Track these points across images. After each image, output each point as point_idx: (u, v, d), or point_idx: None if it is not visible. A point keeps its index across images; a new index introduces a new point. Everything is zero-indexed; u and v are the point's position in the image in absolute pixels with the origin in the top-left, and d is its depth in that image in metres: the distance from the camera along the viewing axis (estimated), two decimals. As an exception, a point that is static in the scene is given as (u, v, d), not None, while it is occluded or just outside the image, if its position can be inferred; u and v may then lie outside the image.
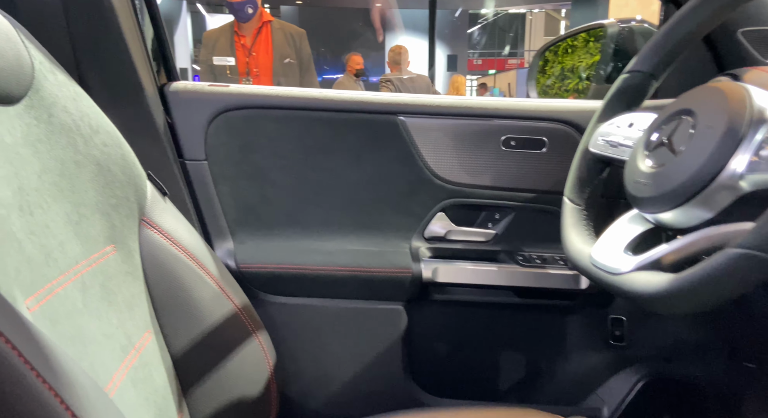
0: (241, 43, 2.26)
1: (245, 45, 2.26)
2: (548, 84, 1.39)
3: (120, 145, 0.60)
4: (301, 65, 2.35)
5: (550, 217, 0.91)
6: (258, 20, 2.24)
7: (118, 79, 0.78)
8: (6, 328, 0.31)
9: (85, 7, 0.73)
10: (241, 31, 2.26)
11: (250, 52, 2.25)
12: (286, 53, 2.29)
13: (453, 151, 0.91)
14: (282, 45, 2.29)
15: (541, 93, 1.37)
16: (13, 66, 0.47)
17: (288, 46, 2.30)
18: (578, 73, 1.36)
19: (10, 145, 0.44)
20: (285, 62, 2.29)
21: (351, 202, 0.93)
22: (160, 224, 0.63)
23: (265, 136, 0.90)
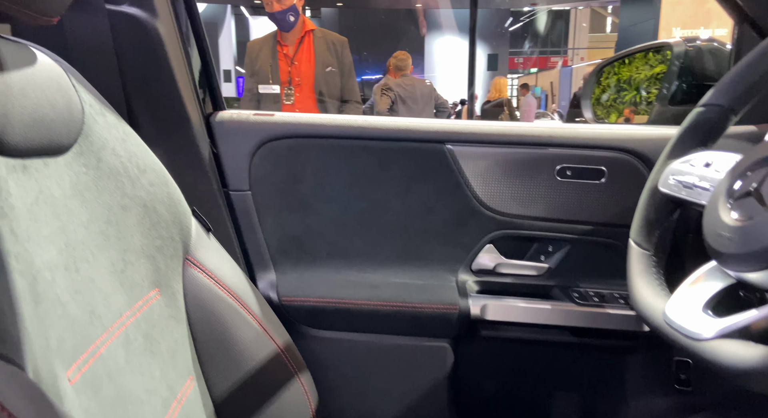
0: (284, 53, 2.27)
1: (288, 54, 2.26)
2: (603, 96, 1.32)
3: (166, 183, 0.59)
4: (343, 73, 2.33)
5: (609, 250, 0.85)
6: (300, 30, 2.25)
7: (165, 112, 0.78)
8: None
9: (134, 42, 0.73)
10: (283, 40, 2.27)
11: (292, 62, 2.26)
12: (328, 62, 2.28)
13: (503, 181, 0.87)
14: (324, 54, 2.28)
15: (595, 106, 1.30)
16: (64, 115, 0.47)
17: (330, 55, 2.29)
18: (636, 85, 1.28)
19: (58, 199, 0.44)
20: (327, 71, 2.29)
21: (396, 233, 0.90)
22: (203, 263, 0.62)
23: (309, 165, 0.88)
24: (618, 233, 0.84)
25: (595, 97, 1.16)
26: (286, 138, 0.87)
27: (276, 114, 0.91)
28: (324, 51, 2.28)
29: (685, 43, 0.92)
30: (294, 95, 2.27)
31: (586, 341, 0.89)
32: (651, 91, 1.21)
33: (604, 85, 1.34)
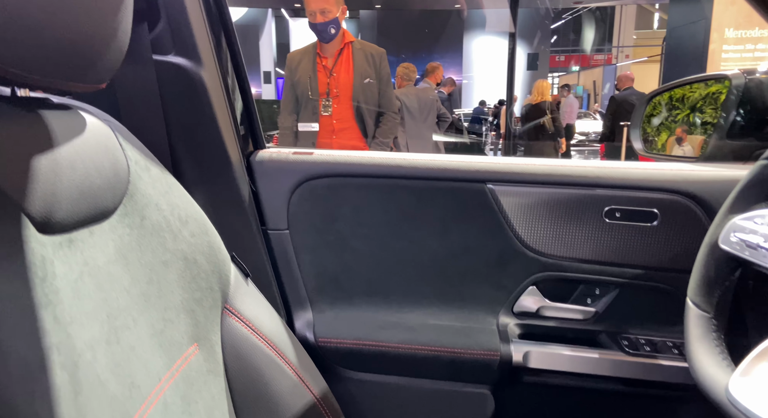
0: (323, 65, 2.28)
1: (327, 66, 2.28)
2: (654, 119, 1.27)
3: (207, 232, 0.60)
4: (380, 84, 2.33)
5: (661, 296, 0.81)
6: (340, 42, 2.26)
7: (207, 154, 0.79)
8: None
9: (179, 90, 0.75)
10: (323, 52, 2.28)
11: (331, 73, 2.27)
12: (366, 73, 2.28)
13: (547, 222, 0.84)
14: (362, 65, 2.28)
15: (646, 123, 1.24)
16: (111, 179, 0.47)
17: (368, 66, 2.29)
18: (690, 104, 1.22)
19: (102, 267, 0.44)
20: (365, 82, 2.29)
21: (435, 273, 0.88)
22: (241, 311, 0.62)
23: (347, 204, 0.87)
24: (671, 278, 0.80)
25: (645, 127, 1.11)
26: (325, 177, 0.87)
27: (315, 152, 0.91)
28: (362, 62, 2.29)
29: (744, 75, 0.87)
30: (332, 107, 2.28)
31: (636, 390, 0.84)
32: (706, 111, 1.16)
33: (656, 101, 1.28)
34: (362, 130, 2.34)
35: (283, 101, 2.35)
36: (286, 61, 2.36)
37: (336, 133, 2.30)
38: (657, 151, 1.38)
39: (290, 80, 2.31)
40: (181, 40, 0.73)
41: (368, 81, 2.29)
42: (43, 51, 0.35)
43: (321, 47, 2.27)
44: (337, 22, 2.20)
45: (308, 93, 2.25)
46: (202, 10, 0.76)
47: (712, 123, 1.11)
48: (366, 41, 2.38)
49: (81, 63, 0.39)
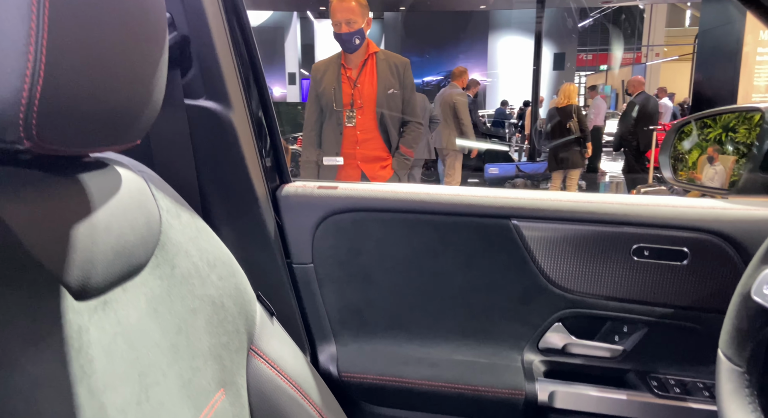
0: (347, 76, 2.29)
1: (351, 77, 2.29)
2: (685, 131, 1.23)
3: (233, 274, 0.61)
4: (404, 94, 2.33)
5: (692, 335, 0.79)
6: (364, 53, 2.26)
7: (234, 192, 0.81)
8: None
9: (209, 132, 0.76)
10: (347, 63, 2.29)
11: (355, 84, 2.28)
12: (390, 84, 2.29)
13: (573, 259, 0.83)
14: (386, 76, 2.29)
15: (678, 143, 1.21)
16: (144, 234, 0.48)
17: (392, 77, 2.30)
18: (722, 123, 1.19)
19: (134, 325, 0.45)
20: (389, 93, 2.29)
21: (459, 308, 0.88)
22: (266, 352, 0.63)
23: (371, 238, 0.88)
24: (703, 318, 0.78)
25: (674, 155, 1.09)
26: (349, 212, 0.88)
27: (339, 186, 0.91)
28: (386, 73, 2.29)
29: (779, 108, 0.84)
30: (356, 117, 2.29)
31: None
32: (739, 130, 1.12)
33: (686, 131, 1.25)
34: (386, 140, 2.34)
35: (306, 113, 2.37)
36: (311, 72, 2.38)
37: (359, 144, 2.31)
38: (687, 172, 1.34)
39: (315, 91, 2.33)
40: (212, 84, 0.75)
41: (392, 92, 2.29)
42: (84, 123, 0.36)
43: (345, 58, 2.28)
44: (362, 33, 2.21)
45: (332, 104, 2.27)
46: (232, 55, 0.78)
47: (745, 143, 1.08)
48: (390, 52, 2.38)
49: (121, 127, 0.40)
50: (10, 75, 0.30)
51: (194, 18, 0.73)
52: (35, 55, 0.31)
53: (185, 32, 0.73)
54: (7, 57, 0.30)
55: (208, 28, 0.73)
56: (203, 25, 0.73)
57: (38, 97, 0.31)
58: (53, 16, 0.31)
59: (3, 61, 0.30)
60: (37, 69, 0.31)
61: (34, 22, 0.30)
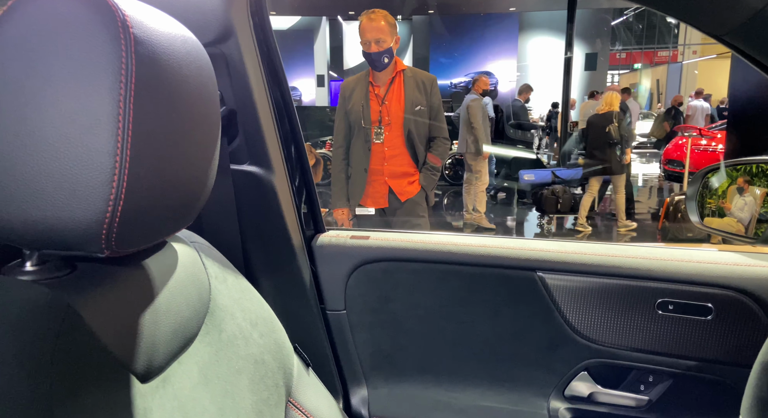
0: (375, 93, 2.33)
1: (379, 95, 2.33)
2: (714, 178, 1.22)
3: (273, 329, 0.64)
4: (431, 111, 2.36)
5: (717, 388, 0.80)
6: (392, 70, 2.30)
7: (273, 244, 0.86)
8: None
9: (252, 193, 0.82)
10: (375, 81, 2.33)
11: (383, 102, 2.32)
12: (418, 101, 2.32)
13: (598, 310, 0.84)
14: (413, 93, 2.32)
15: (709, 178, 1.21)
16: (197, 307, 0.51)
17: (419, 94, 2.33)
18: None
19: (188, 396, 0.48)
20: (416, 109, 2.32)
21: (486, 355, 0.91)
22: (303, 403, 0.66)
23: (402, 287, 0.92)
24: (728, 371, 0.79)
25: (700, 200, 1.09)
26: (380, 261, 0.92)
27: (371, 236, 0.96)
28: (413, 90, 2.32)
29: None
30: (384, 134, 2.33)
31: None
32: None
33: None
34: (413, 156, 2.37)
35: (335, 130, 2.42)
36: (341, 89, 2.43)
37: (387, 160, 2.35)
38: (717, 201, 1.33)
39: (343, 108, 2.38)
40: (255, 151, 0.81)
41: (419, 108, 2.32)
42: (156, 223, 0.41)
43: (373, 76, 2.33)
44: (391, 52, 2.25)
45: (361, 121, 2.31)
46: (274, 123, 0.83)
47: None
48: (417, 69, 2.41)
49: (185, 214, 0.45)
50: (96, 200, 0.35)
51: (241, 93, 0.78)
52: (118, 183, 0.36)
53: (233, 106, 0.79)
54: (96, 187, 0.35)
55: (253, 102, 0.79)
56: (249, 98, 0.79)
57: (119, 216, 0.36)
58: (135, 148, 0.36)
59: (92, 190, 0.35)
60: (119, 194, 0.36)
61: (118, 157, 0.35)
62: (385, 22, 2.20)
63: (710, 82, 14.06)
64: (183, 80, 0.40)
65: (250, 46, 0.79)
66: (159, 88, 0.38)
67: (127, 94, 0.35)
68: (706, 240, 3.38)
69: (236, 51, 0.76)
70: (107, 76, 0.35)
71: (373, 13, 2.20)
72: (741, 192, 1.36)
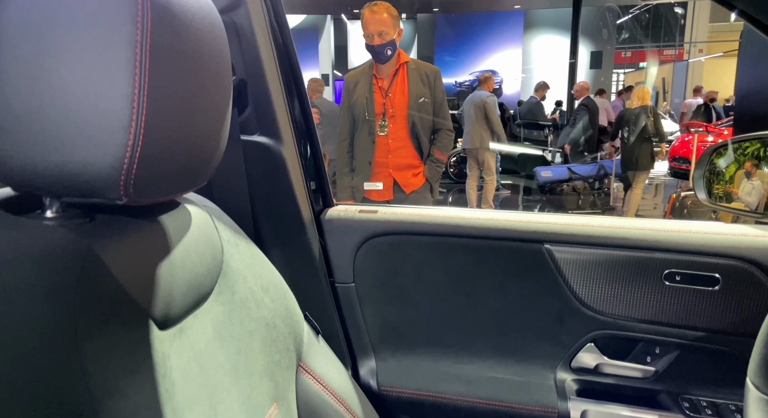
0: (379, 86, 2.34)
1: (382, 87, 2.33)
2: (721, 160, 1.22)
3: (284, 296, 0.66)
4: (435, 103, 2.36)
5: (724, 358, 0.80)
6: (395, 63, 2.30)
7: (282, 217, 0.87)
8: None
9: (262, 164, 0.83)
10: (378, 73, 2.34)
11: (386, 94, 2.32)
12: (421, 93, 2.32)
13: (605, 282, 0.85)
14: (417, 85, 2.32)
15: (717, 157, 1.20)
16: (210, 266, 0.53)
17: (423, 86, 2.33)
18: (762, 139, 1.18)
19: (203, 348, 0.50)
20: (420, 101, 2.33)
21: (493, 328, 0.91)
22: (313, 368, 0.68)
23: (409, 260, 0.92)
24: (735, 341, 0.79)
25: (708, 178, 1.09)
26: (388, 235, 0.92)
27: (379, 211, 0.96)
28: (417, 82, 2.32)
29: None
30: (388, 126, 2.33)
31: None
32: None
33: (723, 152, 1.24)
34: (417, 148, 2.38)
35: (340, 123, 2.42)
36: (344, 82, 2.44)
37: (391, 152, 2.36)
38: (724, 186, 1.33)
39: (347, 101, 2.38)
40: (265, 122, 0.81)
41: (423, 100, 2.32)
42: (170, 177, 0.42)
43: (377, 68, 2.33)
44: (394, 44, 2.25)
45: (365, 114, 2.32)
46: (283, 95, 0.84)
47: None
48: (421, 61, 2.41)
49: (198, 173, 0.46)
50: (115, 146, 0.37)
51: (251, 63, 0.79)
52: (136, 129, 0.37)
53: (243, 76, 0.80)
54: (114, 133, 0.37)
55: (263, 73, 0.80)
56: (259, 69, 0.80)
57: (136, 162, 0.38)
58: (151, 92, 0.37)
59: (110, 135, 0.37)
60: (136, 140, 0.37)
61: (135, 103, 0.37)
62: (388, 14, 2.20)
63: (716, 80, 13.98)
64: (198, 35, 0.42)
65: (260, 15, 0.79)
66: (174, 40, 0.39)
67: (143, 42, 0.36)
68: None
69: (246, 20, 0.77)
70: (124, 24, 0.36)
71: (375, 6, 2.20)
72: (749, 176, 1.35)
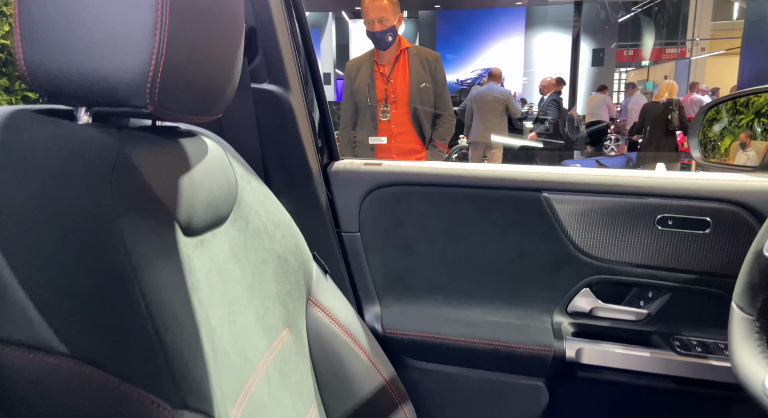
0: (380, 72, 2.36)
1: (384, 73, 2.35)
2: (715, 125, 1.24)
3: (294, 234, 0.69)
4: (436, 88, 2.38)
5: (714, 300, 0.82)
6: (396, 49, 2.32)
7: (292, 166, 0.90)
8: None
9: (271, 112, 0.86)
10: (380, 60, 2.36)
11: (388, 80, 2.35)
12: (422, 78, 2.34)
13: (600, 229, 0.87)
14: (418, 70, 2.34)
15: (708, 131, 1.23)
16: (225, 192, 0.57)
17: (424, 71, 2.35)
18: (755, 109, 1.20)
19: (222, 263, 0.54)
20: (421, 87, 2.35)
21: (494, 275, 0.94)
22: (322, 302, 0.71)
23: (413, 210, 0.95)
24: (724, 283, 0.81)
25: (702, 137, 1.11)
26: (392, 186, 0.95)
27: (383, 163, 0.99)
28: (418, 68, 2.34)
29: (799, 86, 0.86)
30: (390, 112, 2.36)
31: (688, 389, 0.86)
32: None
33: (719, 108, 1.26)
34: (419, 133, 2.40)
35: (342, 110, 2.45)
36: (345, 69, 2.46)
37: (394, 138, 2.38)
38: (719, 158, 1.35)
39: (349, 88, 2.41)
40: (274, 70, 0.84)
41: (424, 85, 2.35)
42: (189, 94, 0.46)
43: (378, 55, 2.35)
44: (395, 30, 2.27)
45: (367, 100, 2.34)
46: (291, 45, 0.87)
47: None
48: (421, 46, 2.44)
49: (213, 99, 0.50)
50: (141, 54, 0.40)
51: (260, 12, 0.82)
52: (160, 38, 0.40)
53: (252, 25, 0.83)
54: (140, 40, 0.40)
55: (272, 22, 0.83)
56: (268, 18, 0.83)
57: (161, 71, 0.41)
58: (173, 9, 0.40)
59: (137, 43, 0.40)
60: (160, 50, 0.40)
61: (159, 14, 0.39)
62: (388, 1, 2.23)
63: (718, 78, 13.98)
64: None
65: None
66: None
67: None
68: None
69: None
70: None
71: None
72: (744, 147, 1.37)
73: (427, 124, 2.39)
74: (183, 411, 0.38)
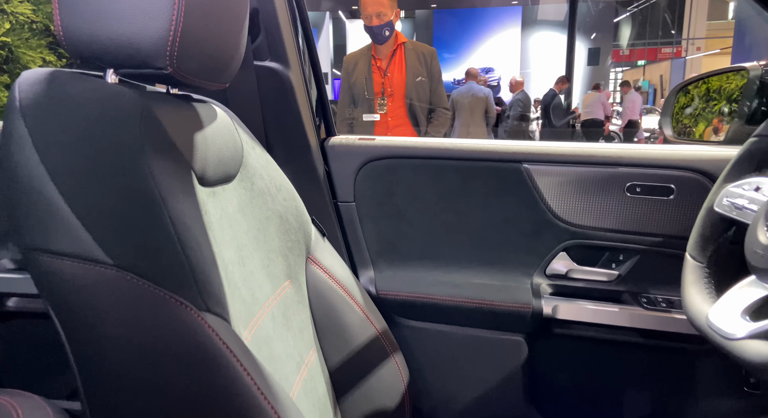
0: (377, 66, 2.42)
1: (381, 67, 2.42)
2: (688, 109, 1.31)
3: (294, 199, 0.76)
4: (432, 82, 2.45)
5: (678, 261, 0.89)
6: (393, 43, 2.39)
7: (292, 140, 0.97)
8: (240, 355, 0.47)
9: (273, 88, 0.93)
10: (377, 54, 2.42)
11: (385, 74, 2.41)
12: (418, 72, 2.41)
13: (575, 196, 0.94)
14: (414, 65, 2.41)
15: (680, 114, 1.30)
16: (233, 153, 0.64)
17: (420, 65, 2.41)
18: (726, 95, 1.27)
19: (231, 214, 0.61)
20: (417, 81, 2.41)
21: (478, 241, 1.01)
22: (321, 261, 0.78)
23: (404, 181, 1.02)
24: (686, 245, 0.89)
25: (675, 116, 1.18)
26: (385, 158, 1.02)
27: (376, 138, 1.06)
28: (414, 62, 2.41)
29: (762, 67, 0.93)
30: (386, 105, 2.42)
31: (656, 342, 0.93)
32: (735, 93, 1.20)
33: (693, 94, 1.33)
34: (415, 126, 2.46)
35: (339, 103, 2.51)
36: (343, 63, 2.52)
37: (390, 130, 2.44)
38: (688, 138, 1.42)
39: (347, 82, 2.47)
40: (275, 48, 0.91)
41: (420, 79, 2.41)
42: (202, 59, 0.52)
43: (375, 49, 2.41)
44: (392, 25, 2.34)
45: (364, 93, 2.40)
46: (290, 25, 0.94)
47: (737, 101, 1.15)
48: (417, 42, 2.50)
49: (221, 67, 0.56)
50: (162, 20, 0.46)
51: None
52: (178, 6, 0.46)
53: (255, 5, 0.90)
54: (161, 7, 0.46)
55: (272, 3, 0.89)
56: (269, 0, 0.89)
57: (179, 36, 0.47)
58: None
59: (159, 9, 0.46)
60: (179, 17, 0.47)
61: None
62: (386, -4, 2.29)
63: (714, 76, 14.04)
64: None
65: None
66: None
67: None
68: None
69: None
70: None
71: None
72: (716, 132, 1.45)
73: (422, 117, 2.45)
74: (206, 313, 0.46)
